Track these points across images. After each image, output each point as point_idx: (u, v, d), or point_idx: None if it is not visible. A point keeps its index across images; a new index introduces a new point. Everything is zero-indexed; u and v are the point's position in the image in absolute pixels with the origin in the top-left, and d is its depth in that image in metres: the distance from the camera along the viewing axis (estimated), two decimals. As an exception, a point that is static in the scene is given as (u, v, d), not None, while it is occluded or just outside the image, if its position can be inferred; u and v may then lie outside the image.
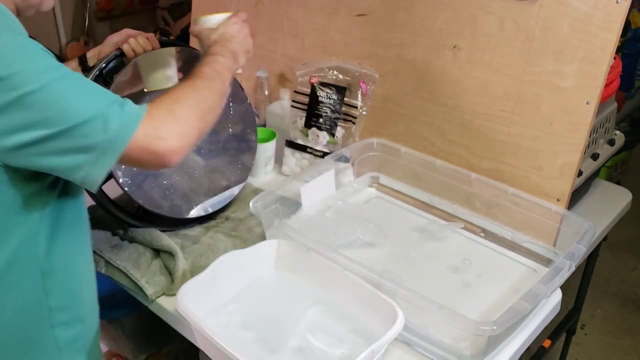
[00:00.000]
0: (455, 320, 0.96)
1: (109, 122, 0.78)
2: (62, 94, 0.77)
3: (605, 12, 1.13)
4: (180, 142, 0.84)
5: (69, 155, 0.78)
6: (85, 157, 0.79)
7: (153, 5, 3.30)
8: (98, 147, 0.79)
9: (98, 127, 0.78)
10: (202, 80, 0.95)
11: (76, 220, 0.94)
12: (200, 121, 0.88)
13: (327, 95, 1.46)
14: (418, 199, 1.42)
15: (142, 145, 0.81)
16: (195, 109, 0.88)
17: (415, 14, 1.40)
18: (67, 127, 0.77)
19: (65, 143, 0.78)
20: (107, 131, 0.78)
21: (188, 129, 0.86)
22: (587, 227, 1.16)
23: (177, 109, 0.86)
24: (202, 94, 0.92)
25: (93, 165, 0.80)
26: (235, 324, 1.06)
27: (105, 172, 0.81)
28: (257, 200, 1.20)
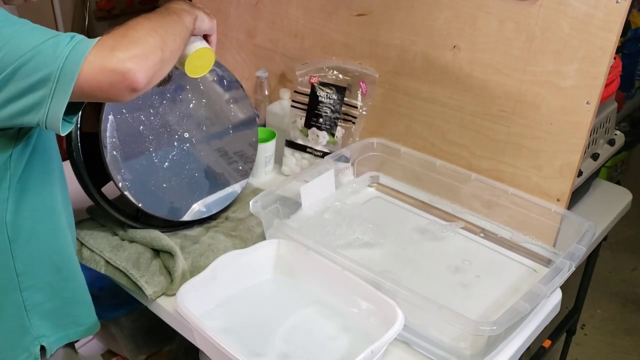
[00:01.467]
0: (455, 320, 0.96)
1: (58, 50, 0.77)
2: (9, 36, 0.76)
3: (606, 12, 1.13)
4: (140, 61, 0.81)
5: (26, 96, 0.78)
6: (42, 92, 0.78)
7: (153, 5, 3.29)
8: (51, 76, 0.77)
9: (48, 56, 0.77)
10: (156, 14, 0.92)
11: (44, 188, 0.97)
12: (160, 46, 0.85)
13: (327, 95, 1.46)
14: (418, 199, 1.42)
15: (98, 65, 0.78)
16: (153, 34, 0.85)
17: (415, 14, 1.40)
18: (18, 65, 0.76)
19: (19, 84, 0.77)
20: (57, 59, 0.77)
21: (148, 50, 0.83)
22: (587, 227, 1.16)
23: (132, 32, 0.83)
24: (159, 22, 0.89)
25: (52, 99, 0.78)
26: (235, 323, 1.06)
27: (63, 104, 0.79)
28: (257, 200, 1.20)
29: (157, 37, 0.85)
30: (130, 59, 0.80)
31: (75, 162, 1.18)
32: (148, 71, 0.82)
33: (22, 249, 0.96)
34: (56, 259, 1.02)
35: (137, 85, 0.81)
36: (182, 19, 0.95)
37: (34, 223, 0.96)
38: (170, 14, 0.94)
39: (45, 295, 1.02)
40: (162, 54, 0.85)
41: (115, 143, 1.18)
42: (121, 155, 1.19)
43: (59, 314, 1.05)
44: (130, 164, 1.21)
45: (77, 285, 1.08)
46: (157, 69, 0.84)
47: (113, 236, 1.28)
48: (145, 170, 1.24)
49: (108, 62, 0.78)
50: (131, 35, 0.82)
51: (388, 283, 1.01)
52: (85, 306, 1.11)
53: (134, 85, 0.80)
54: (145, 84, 0.82)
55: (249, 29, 1.74)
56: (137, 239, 1.25)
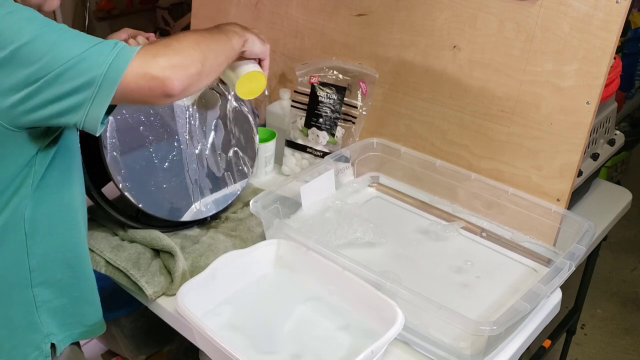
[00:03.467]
0: (455, 320, 0.96)
1: (102, 56, 0.80)
2: (53, 40, 0.79)
3: (606, 12, 1.13)
4: (180, 70, 0.85)
5: (68, 97, 0.80)
6: (84, 95, 0.80)
7: (153, 5, 3.29)
8: (95, 81, 0.80)
9: (93, 62, 0.80)
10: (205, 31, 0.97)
11: (64, 185, 0.98)
12: (200, 60, 0.89)
13: (327, 95, 1.46)
14: (418, 199, 1.42)
15: (141, 71, 0.82)
16: (196, 48, 0.89)
17: (415, 14, 1.40)
18: (64, 69, 0.79)
19: (63, 85, 0.79)
20: (102, 64, 0.80)
21: (187, 61, 0.86)
22: (587, 227, 1.16)
23: (176, 45, 0.87)
24: (205, 37, 0.93)
25: (92, 102, 0.81)
26: (235, 323, 1.06)
27: (105, 107, 0.82)
28: (257, 200, 1.20)
29: (198, 50, 0.89)
30: (170, 67, 0.84)
31: (76, 162, 1.18)
32: (185, 81, 0.86)
33: (38, 245, 0.96)
34: (69, 256, 1.02)
35: (173, 92, 0.85)
36: (230, 40, 0.99)
37: (51, 219, 0.97)
38: (219, 33, 0.98)
39: (54, 293, 1.02)
40: (201, 67, 0.89)
41: (115, 144, 1.18)
42: (121, 155, 1.19)
43: (66, 312, 1.05)
44: (131, 165, 1.21)
45: (87, 284, 1.08)
46: (194, 80, 0.88)
47: (113, 236, 1.28)
48: (145, 170, 1.24)
49: (150, 69, 0.82)
50: (174, 46, 0.86)
51: (388, 283, 1.01)
52: (93, 307, 1.11)
53: (170, 91, 0.84)
54: (180, 92, 0.86)
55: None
56: (137, 239, 1.25)
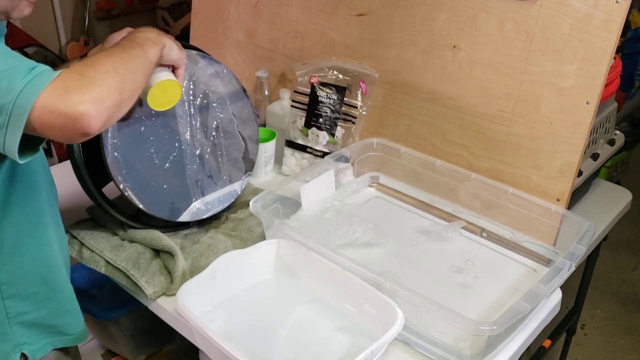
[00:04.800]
0: (455, 320, 0.96)
1: (14, 81, 0.75)
2: None
3: (605, 12, 1.13)
4: (94, 106, 0.78)
5: None
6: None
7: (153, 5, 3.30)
8: (4, 109, 0.75)
9: (2, 88, 0.75)
10: (119, 48, 0.89)
11: (28, 202, 0.96)
12: (118, 88, 0.82)
13: (327, 95, 1.46)
14: (418, 199, 1.42)
15: (50, 106, 0.75)
16: (112, 74, 0.82)
17: (415, 14, 1.40)
18: None
19: None
20: (11, 91, 0.74)
21: (103, 93, 0.79)
22: (587, 227, 1.16)
23: (91, 73, 0.80)
24: (121, 59, 0.86)
25: (5, 131, 0.76)
26: (235, 323, 1.06)
27: (17, 136, 0.76)
28: (257, 200, 1.20)
29: (116, 77, 0.82)
30: (84, 103, 0.77)
31: (76, 163, 1.18)
32: (102, 115, 0.79)
33: (6, 260, 0.95)
34: (42, 270, 1.02)
35: (90, 130, 0.78)
36: (147, 52, 0.92)
37: (18, 236, 0.96)
38: (135, 47, 0.91)
39: (30, 305, 1.01)
40: (119, 97, 0.82)
41: (116, 144, 1.17)
42: (122, 156, 1.19)
43: (45, 324, 1.05)
44: (131, 165, 1.21)
45: (64, 295, 1.07)
46: (112, 111, 0.82)
47: (113, 236, 1.28)
48: (146, 171, 1.24)
49: (61, 105, 0.76)
50: (89, 76, 0.79)
51: (388, 283, 1.01)
52: (73, 316, 1.10)
53: (85, 130, 0.78)
54: (99, 129, 0.79)
55: (249, 29, 1.74)
56: (137, 239, 1.25)
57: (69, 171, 1.21)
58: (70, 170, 1.20)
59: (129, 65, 0.87)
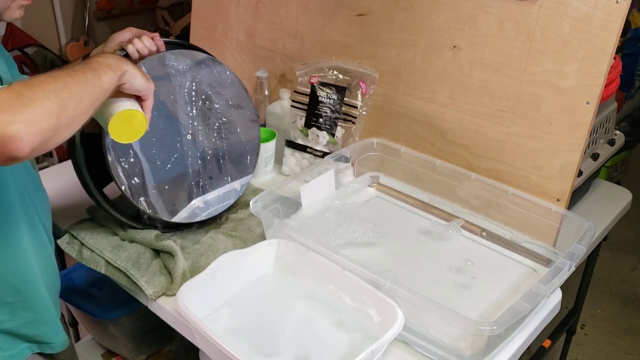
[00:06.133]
0: (455, 320, 0.96)
1: None
2: None
3: (606, 12, 1.13)
4: (25, 131, 0.72)
5: None
6: None
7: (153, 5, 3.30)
8: None
9: None
10: (68, 70, 0.83)
11: None
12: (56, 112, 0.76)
13: (327, 95, 1.46)
14: (418, 199, 1.42)
15: None
16: (52, 97, 0.76)
17: (415, 14, 1.40)
18: None
19: None
20: None
21: (38, 116, 0.73)
22: (587, 227, 1.16)
23: (29, 93, 0.74)
24: (66, 82, 0.79)
25: None
26: (235, 323, 1.06)
27: None
28: (257, 200, 1.20)
29: (56, 100, 0.76)
30: (14, 124, 0.71)
31: (77, 163, 1.18)
32: (33, 139, 0.73)
33: None
34: (17, 281, 1.01)
35: (17, 154, 0.72)
36: (100, 78, 0.85)
37: None
38: (86, 71, 0.84)
39: (4, 315, 1.01)
40: (56, 121, 0.76)
41: (117, 144, 1.17)
42: (123, 156, 1.19)
43: (21, 333, 1.04)
44: (133, 165, 1.21)
45: (41, 306, 1.06)
46: (47, 136, 0.75)
47: (113, 236, 1.28)
48: (147, 171, 1.24)
49: None
50: (26, 96, 0.73)
51: (388, 283, 1.01)
52: (50, 326, 1.09)
53: (12, 153, 0.72)
54: (29, 153, 0.73)
55: (249, 29, 1.74)
56: (137, 239, 1.25)
57: (69, 171, 1.21)
58: (70, 170, 1.20)
59: (74, 89, 0.80)
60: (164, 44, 1.24)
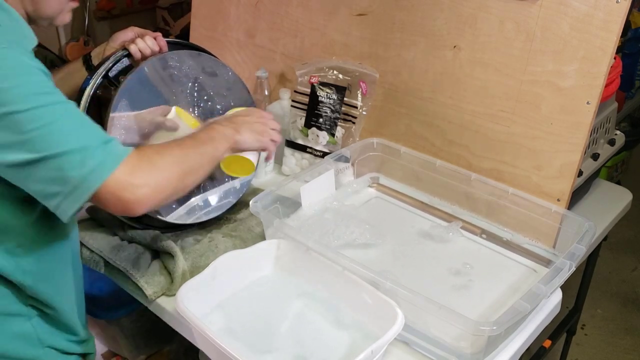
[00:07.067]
0: (455, 320, 0.96)
1: (87, 159, 0.77)
2: (48, 120, 0.76)
3: (606, 12, 1.13)
4: (149, 195, 0.82)
5: (44, 183, 0.77)
6: (59, 188, 0.77)
7: (153, 5, 3.29)
8: (71, 181, 0.77)
9: (75, 162, 0.77)
10: (192, 140, 0.93)
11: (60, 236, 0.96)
12: (178, 179, 0.87)
13: (327, 95, 1.46)
14: (418, 200, 1.42)
15: (112, 190, 0.79)
16: (176, 166, 0.86)
17: (415, 14, 1.40)
18: (45, 156, 0.75)
19: (41, 171, 0.76)
20: (82, 168, 0.77)
21: (163, 183, 0.84)
22: (587, 227, 1.16)
23: (158, 161, 0.84)
24: (188, 153, 0.90)
25: (65, 198, 0.78)
26: (235, 323, 1.06)
27: (76, 207, 0.79)
28: (257, 200, 1.20)
29: (179, 170, 0.87)
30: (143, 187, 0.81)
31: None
32: (153, 203, 0.83)
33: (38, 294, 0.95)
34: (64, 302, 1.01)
35: (135, 212, 0.82)
36: (217, 148, 0.96)
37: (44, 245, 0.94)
38: (206, 142, 0.95)
39: None
40: (176, 186, 0.87)
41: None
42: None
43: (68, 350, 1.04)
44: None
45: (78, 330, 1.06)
46: (166, 198, 0.86)
47: (113, 236, 1.28)
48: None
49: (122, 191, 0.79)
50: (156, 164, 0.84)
51: (388, 283, 1.01)
52: None
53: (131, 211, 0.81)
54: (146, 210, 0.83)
55: (249, 29, 1.74)
56: (137, 240, 1.25)
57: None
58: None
59: (195, 160, 0.91)
60: (166, 44, 1.24)
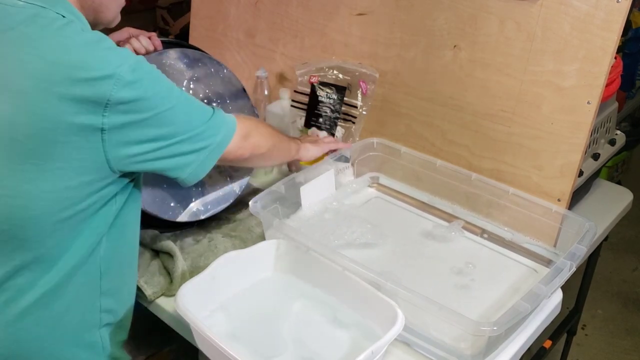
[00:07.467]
0: (456, 320, 0.96)
1: (220, 130, 0.99)
2: (185, 110, 0.94)
3: (606, 11, 1.12)
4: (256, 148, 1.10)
5: (183, 156, 0.94)
6: (195, 156, 0.96)
7: (152, 5, 3.29)
8: (208, 147, 0.97)
9: (212, 131, 0.97)
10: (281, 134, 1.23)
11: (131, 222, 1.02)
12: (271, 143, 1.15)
13: (327, 95, 1.46)
14: (418, 200, 1.42)
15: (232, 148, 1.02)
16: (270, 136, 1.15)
17: (415, 13, 1.40)
18: (189, 137, 0.94)
19: (183, 147, 0.94)
20: (216, 137, 0.98)
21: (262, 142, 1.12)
22: (587, 227, 1.15)
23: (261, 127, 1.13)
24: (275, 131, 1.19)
25: (201, 163, 0.97)
26: (235, 323, 1.06)
27: (209, 167, 0.99)
28: (256, 200, 1.20)
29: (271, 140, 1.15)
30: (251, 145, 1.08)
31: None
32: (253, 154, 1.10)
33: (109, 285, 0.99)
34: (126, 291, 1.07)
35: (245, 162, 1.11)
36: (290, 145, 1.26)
37: (121, 258, 1.01)
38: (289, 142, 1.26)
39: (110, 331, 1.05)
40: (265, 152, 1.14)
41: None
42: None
43: None
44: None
45: None
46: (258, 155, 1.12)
47: (113, 236, 1.28)
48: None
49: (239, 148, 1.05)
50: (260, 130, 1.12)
51: (388, 283, 1.01)
52: None
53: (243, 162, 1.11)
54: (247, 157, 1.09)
55: (249, 29, 1.74)
56: (136, 239, 1.25)
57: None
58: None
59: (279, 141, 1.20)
60: (161, 43, 1.24)
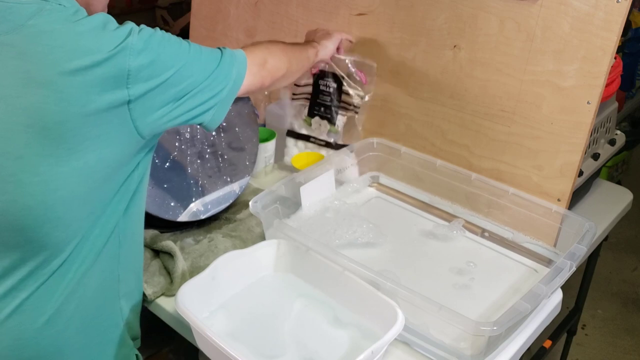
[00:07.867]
0: (456, 320, 0.96)
1: (232, 69, 1.00)
2: (198, 60, 0.96)
3: (606, 11, 1.12)
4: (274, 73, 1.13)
5: (204, 103, 0.96)
6: (215, 100, 0.98)
7: (152, 5, 3.29)
8: (226, 87, 0.99)
9: (224, 74, 0.99)
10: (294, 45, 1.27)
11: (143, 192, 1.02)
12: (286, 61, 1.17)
13: (326, 84, 1.48)
14: (418, 199, 1.42)
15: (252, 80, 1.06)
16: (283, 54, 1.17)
17: (415, 13, 1.40)
18: (206, 84, 0.95)
19: (204, 95, 0.96)
20: (230, 76, 1.00)
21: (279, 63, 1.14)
22: (587, 227, 1.15)
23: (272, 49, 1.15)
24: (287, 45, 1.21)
25: (221, 104, 0.99)
26: (235, 323, 1.06)
27: (229, 106, 1.01)
28: (256, 200, 1.20)
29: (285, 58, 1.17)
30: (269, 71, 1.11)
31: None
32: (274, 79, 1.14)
33: (126, 255, 0.99)
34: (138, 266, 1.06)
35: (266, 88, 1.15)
36: (307, 50, 1.30)
37: (134, 228, 1.01)
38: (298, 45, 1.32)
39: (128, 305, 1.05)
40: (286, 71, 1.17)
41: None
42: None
43: None
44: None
45: None
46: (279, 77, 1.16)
47: (113, 236, 1.28)
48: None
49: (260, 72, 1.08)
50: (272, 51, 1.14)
51: (388, 283, 1.01)
52: None
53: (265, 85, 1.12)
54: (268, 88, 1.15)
55: (249, 29, 1.74)
56: (136, 239, 1.25)
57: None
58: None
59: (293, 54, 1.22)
60: None
